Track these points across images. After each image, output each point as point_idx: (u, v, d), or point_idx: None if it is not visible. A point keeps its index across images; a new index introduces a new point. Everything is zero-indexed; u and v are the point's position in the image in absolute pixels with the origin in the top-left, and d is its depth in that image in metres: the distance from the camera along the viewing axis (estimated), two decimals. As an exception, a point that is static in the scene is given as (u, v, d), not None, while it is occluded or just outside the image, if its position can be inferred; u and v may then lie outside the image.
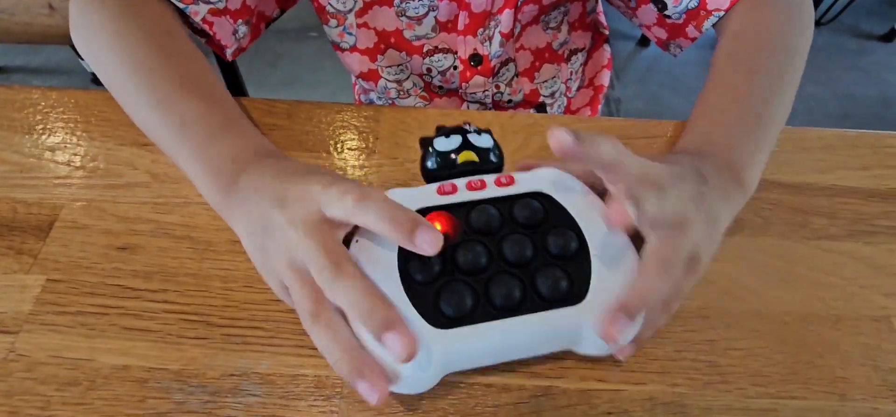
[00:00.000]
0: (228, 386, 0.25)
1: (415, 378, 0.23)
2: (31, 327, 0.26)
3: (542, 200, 0.27)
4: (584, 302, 0.24)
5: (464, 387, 0.25)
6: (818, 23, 1.58)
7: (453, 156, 0.28)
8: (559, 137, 0.22)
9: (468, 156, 0.28)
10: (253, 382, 0.25)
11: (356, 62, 0.51)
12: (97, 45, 0.33)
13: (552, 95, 0.53)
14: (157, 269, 0.28)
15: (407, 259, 0.24)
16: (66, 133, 0.34)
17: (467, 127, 0.30)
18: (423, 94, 0.53)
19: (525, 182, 0.27)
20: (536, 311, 0.24)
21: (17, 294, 0.27)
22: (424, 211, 0.26)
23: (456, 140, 0.29)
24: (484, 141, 0.29)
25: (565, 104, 0.56)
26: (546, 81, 0.51)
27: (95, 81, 1.44)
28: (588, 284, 0.24)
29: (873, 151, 0.35)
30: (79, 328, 0.26)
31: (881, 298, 0.29)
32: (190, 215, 0.31)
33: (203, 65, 0.34)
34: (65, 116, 0.35)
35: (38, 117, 0.35)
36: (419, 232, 0.22)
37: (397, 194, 0.26)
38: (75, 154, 0.33)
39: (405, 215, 0.23)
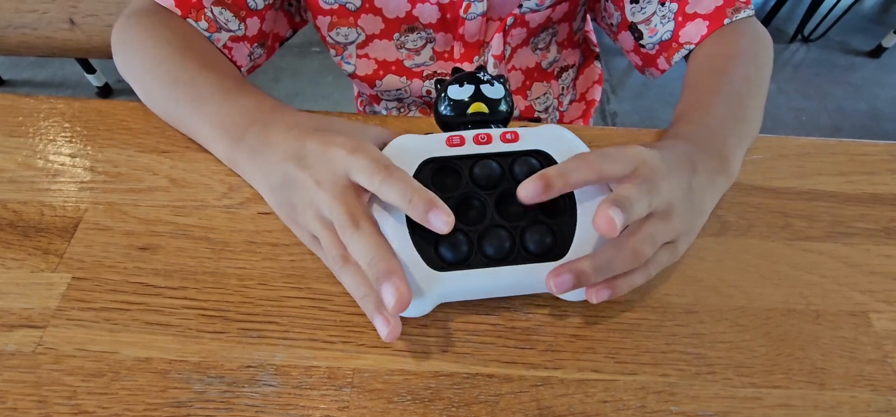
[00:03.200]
0: (245, 377, 0.26)
1: (414, 307, 0.26)
2: (57, 322, 0.28)
3: (541, 158, 0.29)
4: (564, 258, 0.27)
5: (466, 377, 0.27)
6: (807, 39, 1.62)
7: (465, 105, 0.31)
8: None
9: (479, 107, 0.31)
10: (268, 373, 0.27)
11: (355, 85, 0.53)
12: (133, 58, 0.36)
13: (546, 109, 0.55)
14: (177, 268, 0.30)
15: None
16: (90, 141, 0.36)
17: (482, 75, 0.32)
18: (423, 107, 0.55)
19: (529, 139, 0.29)
20: (521, 263, 0.27)
21: (44, 291, 0.29)
22: (433, 160, 0.28)
23: (469, 89, 0.31)
24: (495, 92, 0.31)
25: (558, 118, 0.58)
26: (538, 97, 0.54)
27: (101, 94, 1.46)
28: (570, 242, 0.27)
29: (849, 158, 0.38)
30: (103, 323, 0.28)
31: (858, 295, 0.31)
32: (207, 218, 0.32)
33: (224, 58, 0.37)
34: (88, 126, 0.37)
35: (65, 126, 0.37)
36: (433, 212, 0.24)
37: (410, 140, 0.29)
38: (98, 161, 0.35)
39: (423, 196, 0.25)
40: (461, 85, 0.31)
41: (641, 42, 0.44)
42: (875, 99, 1.51)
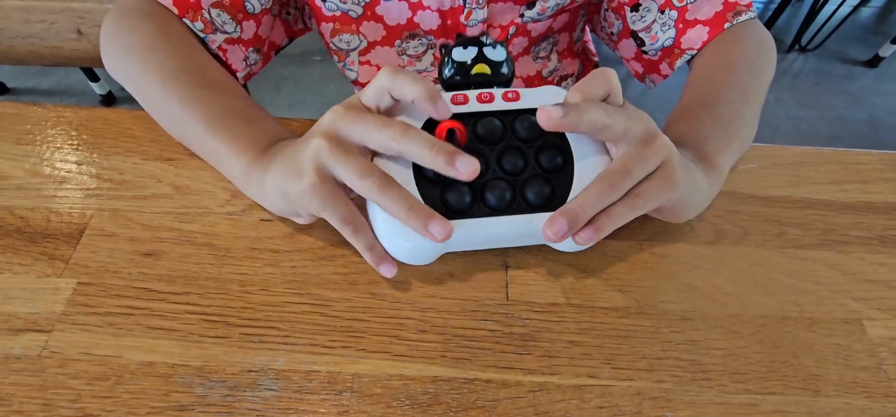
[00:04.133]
0: (247, 382, 0.27)
1: (420, 251, 0.28)
2: (63, 326, 0.28)
3: None
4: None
5: (464, 382, 0.27)
6: (805, 49, 1.63)
7: (469, 68, 0.32)
8: (548, 113, 0.25)
9: (481, 68, 0.32)
10: (269, 377, 0.27)
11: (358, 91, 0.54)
12: (129, 61, 0.36)
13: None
14: (180, 273, 0.30)
15: None
16: (95, 149, 0.37)
17: (484, 39, 0.33)
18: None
19: (529, 98, 0.31)
20: (521, 212, 0.28)
21: (50, 296, 0.29)
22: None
23: (472, 52, 0.33)
24: (498, 54, 0.33)
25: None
26: None
27: (104, 102, 1.47)
28: (568, 194, 0.28)
29: (843, 166, 0.38)
30: (107, 327, 0.28)
31: (852, 302, 0.31)
32: (210, 224, 0.33)
33: (228, 77, 0.37)
34: (94, 134, 0.38)
35: (72, 134, 0.38)
36: (458, 160, 0.25)
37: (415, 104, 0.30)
38: (104, 168, 0.36)
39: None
40: (465, 48, 0.33)
41: (643, 49, 0.44)
42: (873, 108, 1.52)
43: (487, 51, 0.33)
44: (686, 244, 0.33)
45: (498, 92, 0.31)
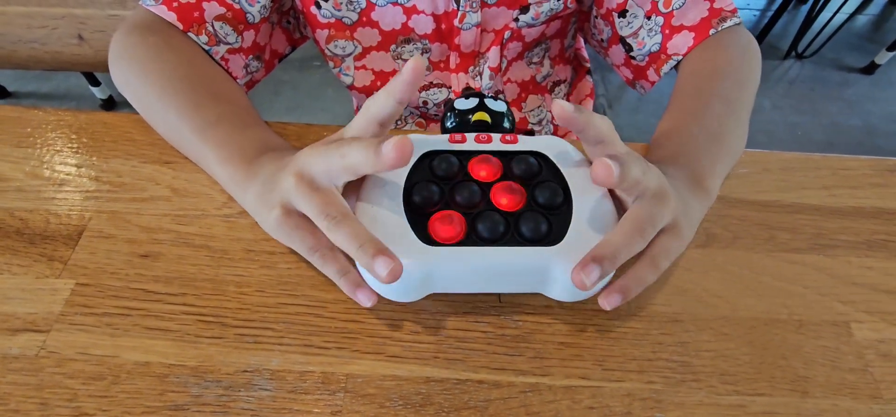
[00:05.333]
0: (241, 381, 0.27)
1: (404, 285, 0.26)
2: (60, 326, 0.29)
3: (539, 158, 0.30)
4: (559, 245, 0.27)
5: (457, 383, 0.28)
6: (801, 56, 1.64)
7: (469, 116, 0.32)
8: (562, 105, 0.25)
9: (481, 116, 0.32)
10: (264, 378, 0.27)
11: (354, 98, 0.55)
12: (132, 72, 0.37)
13: (539, 122, 0.57)
14: (177, 275, 0.31)
15: (411, 189, 0.28)
16: (95, 152, 0.37)
17: (486, 93, 0.34)
18: (420, 120, 0.56)
19: (527, 144, 0.31)
20: (515, 245, 0.27)
21: (48, 297, 0.30)
22: (435, 153, 0.30)
23: (473, 102, 0.33)
24: (499, 106, 0.33)
25: (552, 131, 0.60)
26: (532, 110, 0.55)
27: (105, 106, 1.47)
28: (565, 232, 0.27)
29: (832, 172, 0.39)
30: (104, 327, 0.29)
31: (840, 305, 0.31)
32: (207, 227, 0.33)
33: (232, 84, 0.38)
34: (94, 137, 0.38)
35: (72, 137, 0.38)
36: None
37: (413, 139, 0.30)
38: (103, 171, 0.36)
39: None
40: (466, 98, 0.34)
41: (632, 54, 0.45)
42: (869, 115, 1.53)
43: (489, 102, 0.33)
44: (677, 248, 0.34)
45: (496, 136, 0.31)
